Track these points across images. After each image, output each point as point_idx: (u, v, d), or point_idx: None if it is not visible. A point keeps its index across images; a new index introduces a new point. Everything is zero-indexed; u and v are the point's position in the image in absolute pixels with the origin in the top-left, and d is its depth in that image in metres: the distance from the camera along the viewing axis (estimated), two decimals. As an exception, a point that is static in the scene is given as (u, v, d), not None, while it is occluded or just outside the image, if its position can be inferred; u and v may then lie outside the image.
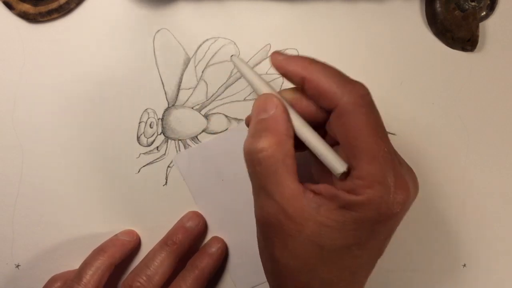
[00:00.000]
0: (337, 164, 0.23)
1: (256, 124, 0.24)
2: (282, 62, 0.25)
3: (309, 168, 0.27)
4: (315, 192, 0.23)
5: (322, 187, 0.23)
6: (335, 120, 0.23)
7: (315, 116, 0.25)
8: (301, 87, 0.25)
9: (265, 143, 0.23)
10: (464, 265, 0.37)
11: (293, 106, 0.25)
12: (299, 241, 0.23)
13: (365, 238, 0.23)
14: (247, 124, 0.26)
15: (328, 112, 0.24)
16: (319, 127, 0.25)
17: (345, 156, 0.23)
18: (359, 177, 0.22)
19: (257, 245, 0.36)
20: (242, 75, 0.27)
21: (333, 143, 0.25)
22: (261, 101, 0.25)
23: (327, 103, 0.23)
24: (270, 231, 0.24)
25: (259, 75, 0.26)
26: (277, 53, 0.25)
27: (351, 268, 0.24)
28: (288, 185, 0.23)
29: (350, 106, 0.23)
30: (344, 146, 0.23)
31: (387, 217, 0.22)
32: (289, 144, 0.24)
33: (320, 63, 0.25)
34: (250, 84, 0.26)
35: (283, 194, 0.23)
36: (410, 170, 0.25)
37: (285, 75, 0.25)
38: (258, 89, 0.26)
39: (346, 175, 0.23)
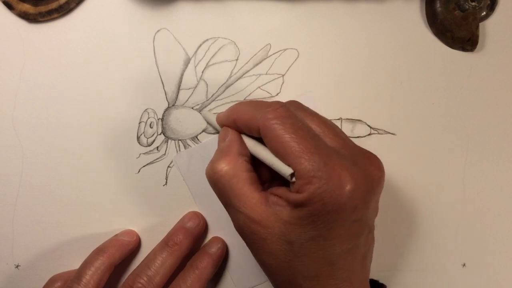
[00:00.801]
0: (282, 170, 0.25)
1: (216, 151, 0.29)
2: (221, 120, 0.30)
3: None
4: (278, 196, 0.26)
5: (280, 191, 0.26)
6: (264, 139, 0.27)
7: None
8: (238, 129, 0.29)
9: (220, 164, 0.27)
10: (464, 265, 0.37)
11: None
12: (273, 242, 0.26)
13: (325, 229, 0.25)
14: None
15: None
16: None
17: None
18: (298, 177, 0.25)
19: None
20: (208, 123, 0.33)
21: None
22: (221, 133, 0.30)
23: (254, 130, 0.27)
24: (248, 238, 0.27)
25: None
26: (218, 114, 0.31)
27: (326, 258, 0.25)
28: (248, 195, 0.26)
29: (266, 122, 0.26)
30: (279, 157, 0.26)
31: (335, 206, 0.24)
32: (241, 160, 0.27)
33: (242, 102, 0.30)
34: (213, 126, 0.32)
35: (246, 204, 0.26)
36: (364, 156, 0.27)
37: (228, 126, 0.30)
38: (219, 128, 0.31)
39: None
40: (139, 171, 0.35)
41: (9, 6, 0.33)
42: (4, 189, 0.35)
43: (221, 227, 0.36)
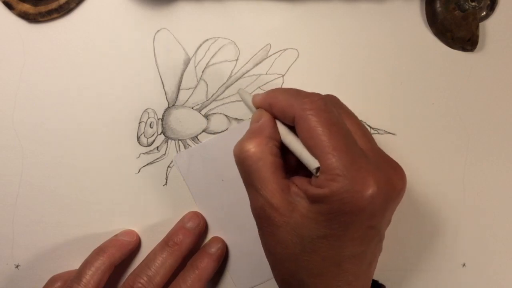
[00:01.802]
0: (310, 161, 0.25)
1: (247, 132, 0.28)
2: (256, 101, 0.30)
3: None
4: (299, 187, 0.26)
5: (300, 182, 0.26)
6: (297, 128, 0.26)
7: None
8: (272, 113, 0.28)
9: (250, 144, 0.27)
10: (464, 265, 0.37)
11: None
12: (286, 231, 0.26)
13: (340, 230, 0.25)
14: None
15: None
16: None
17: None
18: (323, 171, 0.24)
19: (257, 245, 0.36)
20: (245, 103, 0.32)
21: None
22: (255, 114, 0.29)
23: (289, 118, 0.27)
24: (262, 222, 0.27)
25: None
26: (255, 95, 0.30)
27: (333, 259, 0.25)
28: (271, 180, 0.26)
29: (301, 112, 0.26)
30: (308, 148, 0.26)
31: (354, 208, 0.24)
32: (271, 144, 0.27)
33: (280, 88, 0.30)
34: (249, 108, 0.31)
35: (267, 188, 0.26)
36: (390, 165, 0.27)
37: (264, 109, 0.29)
38: (253, 109, 0.31)
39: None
40: (139, 171, 0.35)
41: (9, 6, 0.33)
42: (4, 189, 0.35)
43: (221, 227, 0.36)
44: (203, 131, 0.35)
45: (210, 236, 0.36)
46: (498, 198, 0.37)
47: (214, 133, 0.35)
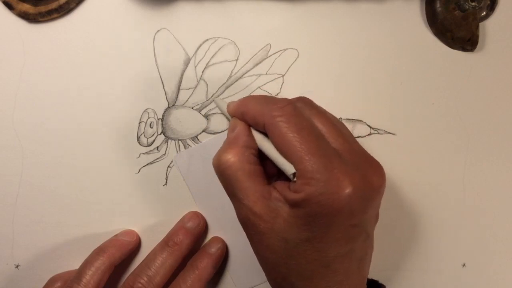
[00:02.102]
0: (285, 168, 0.26)
1: (225, 141, 0.29)
2: (230, 110, 0.30)
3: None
4: (280, 192, 0.26)
5: (280, 187, 0.26)
6: (269, 135, 0.27)
7: None
8: (245, 121, 0.29)
9: (227, 155, 0.27)
10: (464, 265, 0.37)
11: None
12: (272, 237, 0.26)
13: (321, 232, 0.25)
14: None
15: None
16: None
17: None
18: (298, 176, 0.25)
19: (257, 245, 0.36)
20: (220, 110, 0.32)
21: None
22: (231, 123, 0.30)
23: (260, 125, 0.27)
24: (249, 230, 0.27)
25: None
26: (229, 103, 0.30)
27: (320, 261, 0.26)
28: (251, 188, 0.26)
29: (271, 120, 0.26)
30: (282, 154, 0.26)
31: (331, 209, 0.24)
32: (248, 153, 0.27)
33: (251, 96, 0.30)
34: (226, 117, 0.32)
35: (248, 197, 0.26)
36: (367, 161, 0.27)
37: (238, 117, 0.29)
38: (229, 117, 0.31)
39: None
40: (139, 171, 0.35)
41: (9, 6, 0.33)
42: (4, 189, 0.35)
43: (221, 227, 0.36)
44: (203, 131, 0.35)
45: (210, 236, 0.36)
46: (498, 198, 0.37)
47: (214, 133, 0.35)
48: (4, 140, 0.34)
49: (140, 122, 0.35)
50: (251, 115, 0.28)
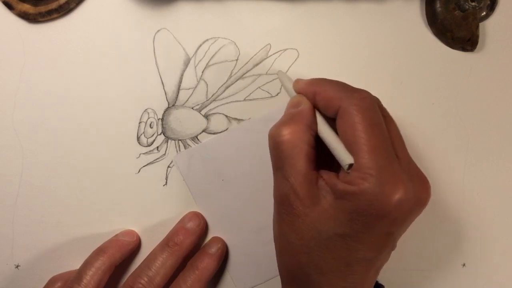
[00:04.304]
0: (344, 157, 0.25)
1: (284, 115, 0.28)
2: (303, 86, 0.29)
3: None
4: (325, 181, 0.26)
5: (328, 176, 0.26)
6: (338, 121, 0.26)
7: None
8: (314, 101, 0.28)
9: (287, 130, 0.26)
10: (464, 265, 0.37)
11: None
12: (305, 223, 0.25)
13: (360, 231, 0.24)
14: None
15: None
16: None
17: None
18: (355, 169, 0.24)
19: (257, 245, 0.36)
20: (283, 85, 0.32)
21: None
22: (294, 99, 0.29)
23: (333, 108, 0.26)
24: (282, 209, 0.27)
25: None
26: (297, 80, 0.30)
27: (346, 259, 0.25)
28: (302, 169, 0.26)
29: (348, 107, 0.25)
30: (345, 143, 0.25)
31: (380, 211, 0.24)
32: (309, 134, 0.27)
33: (328, 79, 0.29)
34: (288, 92, 0.31)
35: (296, 177, 0.26)
36: (419, 177, 0.27)
37: (305, 95, 0.29)
38: (291, 93, 0.30)
39: (351, 167, 0.25)
40: (139, 171, 0.35)
41: (9, 6, 0.33)
42: (4, 189, 0.35)
43: (221, 227, 0.36)
44: (203, 131, 0.35)
45: (210, 236, 0.36)
46: (498, 198, 0.37)
47: (214, 133, 0.35)
48: (4, 140, 0.34)
49: (140, 122, 0.35)
50: (326, 97, 0.27)
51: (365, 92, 0.27)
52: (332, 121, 0.27)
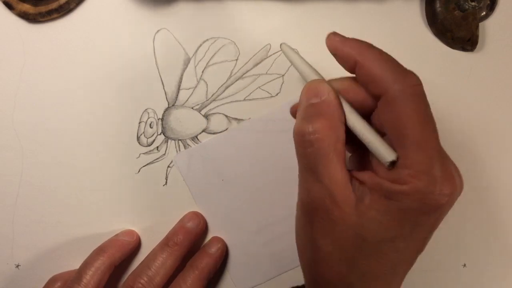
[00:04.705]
0: (386, 153, 0.22)
1: (307, 107, 0.24)
2: (338, 44, 0.25)
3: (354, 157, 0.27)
4: (359, 181, 0.23)
5: (366, 176, 0.23)
6: (383, 107, 0.23)
7: (361, 106, 0.25)
8: (352, 71, 0.25)
9: (318, 126, 0.23)
10: (464, 265, 0.37)
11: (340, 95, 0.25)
12: (343, 230, 0.23)
13: (409, 230, 0.22)
14: (293, 113, 0.27)
15: (376, 100, 0.24)
16: (364, 117, 0.25)
17: (391, 145, 0.23)
18: (405, 166, 0.22)
19: (257, 245, 0.36)
20: (291, 62, 0.27)
21: (379, 134, 0.25)
22: (312, 86, 0.25)
23: (378, 89, 0.23)
24: (315, 216, 0.24)
25: (308, 63, 0.26)
26: (334, 33, 0.25)
27: (393, 262, 0.23)
28: (337, 170, 0.23)
29: (400, 94, 0.22)
30: (391, 135, 0.23)
31: (432, 209, 0.22)
32: (342, 130, 0.23)
33: (376, 49, 0.24)
34: (298, 70, 0.26)
35: (332, 179, 0.23)
36: (454, 165, 0.24)
37: (339, 57, 0.25)
38: (308, 76, 0.26)
39: (394, 164, 0.22)
40: (139, 171, 0.35)
41: (9, 6, 0.33)
42: (4, 189, 0.35)
43: (221, 227, 0.36)
44: (203, 131, 0.35)
45: (210, 236, 0.36)
46: (498, 198, 0.37)
47: (214, 133, 0.35)
48: (4, 140, 0.34)
49: (140, 122, 0.35)
50: (370, 74, 0.23)
51: (415, 77, 0.23)
52: (358, 103, 0.24)
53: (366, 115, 0.25)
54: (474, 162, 0.37)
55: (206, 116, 0.35)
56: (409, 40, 0.35)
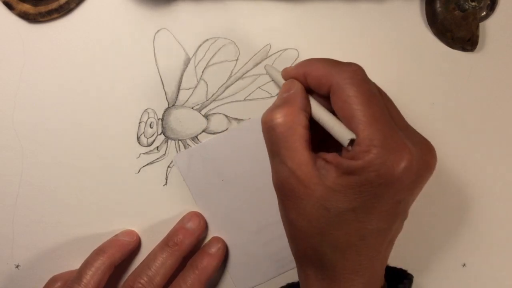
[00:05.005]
0: (343, 134, 0.25)
1: (276, 100, 0.28)
2: (289, 71, 0.29)
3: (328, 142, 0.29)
4: (326, 161, 0.25)
5: (330, 156, 0.25)
6: (332, 98, 0.26)
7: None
8: (306, 83, 0.28)
9: (279, 113, 0.26)
10: (464, 265, 0.37)
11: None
12: (310, 204, 0.25)
13: (370, 202, 0.24)
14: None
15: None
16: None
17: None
18: (357, 143, 0.24)
19: (257, 245, 0.36)
20: (272, 78, 0.32)
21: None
22: (286, 84, 0.29)
23: (325, 87, 0.26)
24: (284, 195, 0.26)
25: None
26: (285, 68, 0.30)
27: (359, 232, 0.25)
28: (298, 151, 0.25)
29: (342, 81, 0.25)
30: (343, 120, 0.25)
31: (388, 180, 0.24)
32: (302, 115, 0.26)
33: (315, 58, 0.28)
34: (277, 83, 0.31)
35: (293, 160, 0.25)
36: (423, 142, 0.26)
37: (296, 79, 0.29)
38: (281, 83, 0.30)
39: (353, 143, 0.25)
40: (139, 171, 0.35)
41: (9, 6, 0.33)
42: (4, 189, 0.35)
43: (221, 227, 0.36)
44: (203, 131, 0.35)
45: (210, 236, 0.36)
46: (498, 198, 0.37)
47: (214, 133, 0.35)
48: (4, 140, 0.34)
49: (140, 122, 0.35)
50: (316, 76, 0.27)
51: (355, 65, 0.26)
52: (326, 101, 0.27)
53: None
54: (474, 162, 0.37)
55: (206, 116, 0.35)
56: (409, 40, 0.35)
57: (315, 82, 0.27)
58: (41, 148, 0.34)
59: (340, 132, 0.25)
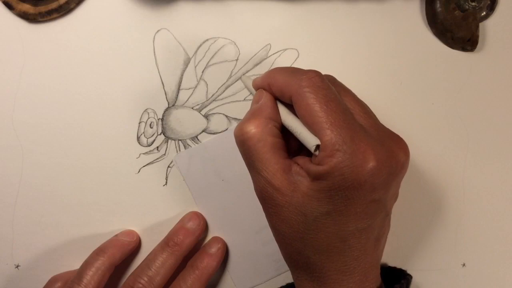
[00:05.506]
0: (308, 140, 0.25)
1: (247, 112, 0.28)
2: (256, 82, 0.30)
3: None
4: (300, 166, 0.26)
5: (302, 161, 0.26)
6: (295, 106, 0.26)
7: None
8: (272, 93, 0.28)
9: (249, 126, 0.27)
10: (464, 265, 0.37)
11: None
12: (289, 211, 0.26)
13: (342, 204, 0.25)
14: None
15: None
16: None
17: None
18: (322, 149, 0.24)
19: (257, 245, 0.36)
20: (247, 89, 0.32)
21: None
22: (256, 95, 0.29)
23: (287, 96, 0.27)
24: (265, 203, 0.27)
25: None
26: (254, 79, 0.30)
27: (338, 234, 0.26)
28: (271, 160, 0.26)
29: (299, 90, 0.26)
30: (307, 126, 0.26)
31: (356, 182, 0.24)
32: (271, 125, 0.27)
33: (278, 68, 0.29)
34: (252, 93, 0.31)
35: (267, 170, 0.26)
36: (392, 138, 0.27)
37: (264, 89, 0.29)
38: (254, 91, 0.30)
39: (319, 149, 0.25)
40: (139, 171, 0.35)
41: (9, 6, 0.33)
42: (4, 189, 0.35)
43: (221, 227, 0.36)
44: (203, 131, 0.35)
45: (210, 236, 0.36)
46: (498, 198, 0.37)
47: (214, 133, 0.35)
48: (4, 140, 0.34)
49: (140, 122, 0.35)
50: (278, 86, 0.27)
51: (313, 72, 0.26)
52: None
53: None
54: (474, 162, 0.37)
55: (206, 116, 0.35)
56: (409, 40, 0.35)
57: (278, 92, 0.28)
58: (41, 148, 0.34)
59: (306, 138, 0.25)
